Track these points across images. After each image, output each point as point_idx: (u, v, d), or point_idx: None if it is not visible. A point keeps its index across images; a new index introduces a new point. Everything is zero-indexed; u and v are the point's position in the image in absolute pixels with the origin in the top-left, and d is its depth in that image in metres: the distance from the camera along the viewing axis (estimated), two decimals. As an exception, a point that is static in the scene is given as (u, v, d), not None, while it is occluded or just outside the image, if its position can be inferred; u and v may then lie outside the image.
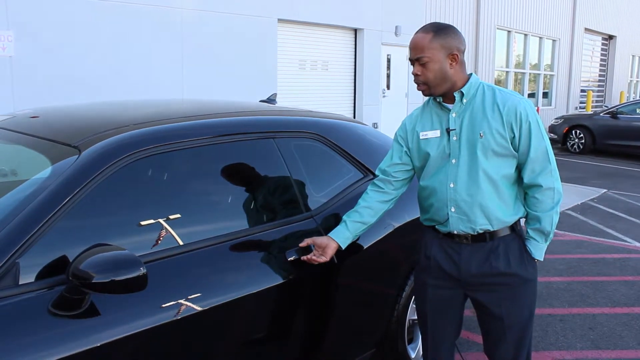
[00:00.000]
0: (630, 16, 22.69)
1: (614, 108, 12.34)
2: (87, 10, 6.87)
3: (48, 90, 6.53)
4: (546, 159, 1.99)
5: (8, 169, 2.15)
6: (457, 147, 2.02)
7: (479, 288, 2.07)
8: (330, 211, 2.40)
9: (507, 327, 2.07)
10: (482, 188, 1.99)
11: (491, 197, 1.99)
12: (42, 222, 1.66)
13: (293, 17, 9.35)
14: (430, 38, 1.96)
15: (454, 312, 2.16)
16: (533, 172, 1.99)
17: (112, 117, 2.26)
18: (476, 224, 2.01)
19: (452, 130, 2.02)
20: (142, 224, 1.89)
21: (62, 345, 1.56)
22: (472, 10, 13.90)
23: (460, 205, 2.02)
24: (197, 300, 1.87)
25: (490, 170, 1.98)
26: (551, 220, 2.01)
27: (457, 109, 2.03)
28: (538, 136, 1.98)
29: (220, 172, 2.17)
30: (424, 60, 1.96)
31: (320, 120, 2.64)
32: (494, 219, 2.01)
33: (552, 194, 1.99)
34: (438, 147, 2.06)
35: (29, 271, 1.62)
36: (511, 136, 1.97)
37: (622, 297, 4.16)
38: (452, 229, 2.05)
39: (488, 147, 1.97)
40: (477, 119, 1.99)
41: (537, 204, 2.01)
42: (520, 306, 2.06)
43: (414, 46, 1.98)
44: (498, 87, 2.06)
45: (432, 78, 1.98)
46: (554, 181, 2.00)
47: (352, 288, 2.44)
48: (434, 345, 2.20)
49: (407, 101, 12.20)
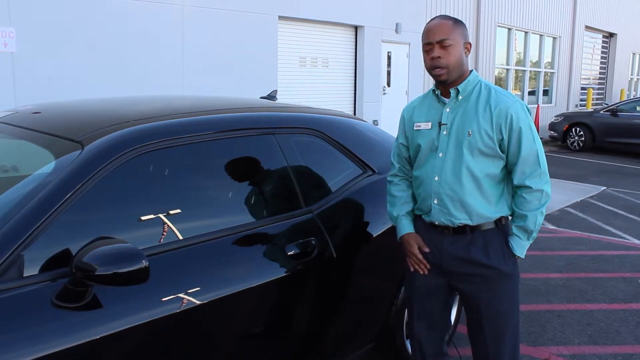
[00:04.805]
0: (631, 14, 22.65)
1: (614, 106, 12.33)
2: (89, 6, 6.88)
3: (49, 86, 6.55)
4: (536, 162, 2.02)
5: (12, 163, 2.17)
6: (446, 142, 2.06)
7: (459, 277, 2.13)
8: (329, 206, 2.43)
9: (484, 319, 2.12)
10: (464, 184, 2.03)
11: (473, 194, 2.04)
12: (45, 215, 1.69)
13: (294, 14, 9.36)
14: (452, 24, 2.03)
15: (438, 300, 2.21)
16: (523, 174, 2.02)
17: (114, 113, 2.28)
18: (455, 217, 2.07)
19: (443, 124, 2.07)
20: (143, 218, 1.91)
21: (65, 337, 1.59)
22: (473, 7, 13.90)
23: (442, 199, 2.07)
24: (197, 294, 1.89)
25: (474, 169, 2.02)
26: (535, 219, 2.04)
27: (452, 104, 2.08)
28: (529, 140, 2.00)
29: (221, 167, 2.19)
30: (448, 43, 2.00)
31: (320, 117, 2.66)
32: (474, 215, 2.06)
33: (540, 196, 2.03)
34: (428, 139, 2.11)
35: (33, 263, 1.65)
36: (499, 138, 2.00)
37: (620, 293, 4.18)
38: (434, 219, 2.12)
39: (474, 146, 2.01)
40: (468, 117, 2.03)
41: (524, 203, 2.04)
42: (498, 300, 2.11)
43: (438, 29, 2.02)
44: (496, 87, 2.09)
45: (453, 62, 2.01)
46: (543, 184, 2.03)
47: (351, 283, 2.46)
48: (418, 330, 2.25)
49: (407, 98, 12.20)
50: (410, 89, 12.22)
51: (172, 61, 7.77)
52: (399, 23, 11.43)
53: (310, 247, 2.26)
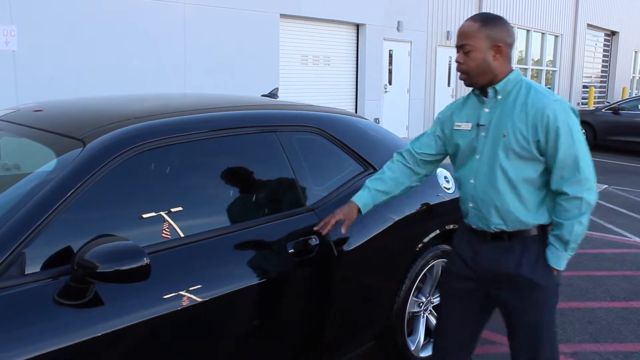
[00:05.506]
0: (633, 12, 22.61)
1: (616, 104, 12.31)
2: (90, 5, 6.88)
3: (51, 85, 6.55)
4: (575, 167, 1.88)
5: (13, 161, 2.17)
6: (483, 144, 2.00)
7: (491, 285, 2.07)
8: (331, 204, 2.43)
9: (515, 329, 2.05)
10: (499, 188, 1.96)
11: (509, 199, 1.95)
12: (47, 213, 1.69)
13: (295, 12, 9.36)
14: (477, 27, 1.93)
15: (467, 306, 2.14)
16: (561, 179, 1.90)
17: (116, 111, 2.28)
18: (490, 222, 2.00)
19: (481, 125, 2.01)
20: (145, 216, 1.91)
21: (67, 334, 1.59)
22: (475, 5, 13.89)
23: (477, 202, 2.02)
24: (198, 292, 1.90)
25: (509, 171, 1.94)
26: (571, 228, 1.90)
27: (491, 104, 2.00)
28: (567, 142, 1.87)
29: (222, 165, 2.19)
30: (468, 49, 1.94)
31: (321, 115, 2.66)
32: (510, 220, 1.97)
33: (580, 204, 1.89)
34: (467, 140, 2.05)
35: (34, 261, 1.65)
36: (535, 139, 1.90)
37: (621, 291, 4.18)
38: (472, 223, 2.07)
39: (509, 148, 1.92)
40: (504, 118, 1.94)
41: (561, 210, 1.92)
42: (528, 310, 2.01)
43: (460, 33, 1.96)
44: (538, 86, 1.98)
45: (473, 67, 1.95)
46: (583, 191, 1.88)
47: (352, 281, 2.46)
48: (444, 335, 2.20)
49: (408, 97, 12.20)
50: (411, 87, 12.21)
51: (173, 59, 7.77)
52: (400, 21, 11.42)
53: (311, 246, 2.27)
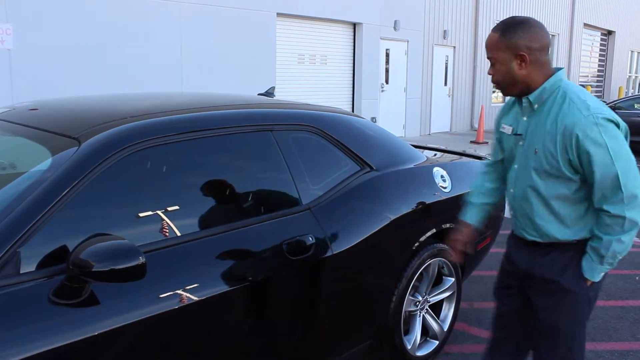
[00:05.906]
0: (629, 11, 22.68)
1: (612, 103, 12.34)
2: (85, 3, 6.87)
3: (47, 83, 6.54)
4: (616, 186, 1.75)
5: (9, 160, 2.17)
6: (520, 154, 1.93)
7: (526, 288, 2.06)
8: (327, 203, 2.43)
9: (540, 332, 2.02)
10: (531, 203, 1.91)
11: (542, 214, 1.90)
12: (42, 212, 1.69)
13: (292, 11, 9.35)
14: (497, 38, 1.83)
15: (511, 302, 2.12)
16: (602, 197, 1.79)
17: (112, 109, 2.28)
18: (526, 233, 1.99)
19: (518, 135, 1.94)
20: (140, 215, 1.91)
21: (62, 333, 1.59)
22: (472, 5, 13.89)
23: (515, 211, 2.02)
24: (195, 291, 1.89)
25: (541, 188, 1.87)
26: (609, 245, 1.80)
27: (528, 113, 1.91)
28: (603, 162, 1.74)
29: (218, 164, 2.19)
30: (493, 61, 1.87)
31: (317, 114, 2.66)
32: (543, 235, 1.93)
33: (622, 222, 1.78)
34: (509, 145, 2.01)
35: (30, 260, 1.64)
36: (566, 158, 1.79)
37: (617, 290, 4.19)
38: (513, 228, 2.08)
39: (540, 166, 1.84)
40: (538, 131, 1.85)
41: (603, 225, 1.82)
42: (555, 315, 1.96)
43: (485, 45, 1.90)
44: (575, 95, 1.81)
45: (501, 79, 1.88)
46: (625, 210, 1.76)
47: (349, 280, 2.46)
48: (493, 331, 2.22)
49: (405, 96, 12.21)
50: (408, 86, 12.22)
51: (170, 58, 7.76)
52: (397, 20, 11.43)
53: (307, 244, 2.27)
